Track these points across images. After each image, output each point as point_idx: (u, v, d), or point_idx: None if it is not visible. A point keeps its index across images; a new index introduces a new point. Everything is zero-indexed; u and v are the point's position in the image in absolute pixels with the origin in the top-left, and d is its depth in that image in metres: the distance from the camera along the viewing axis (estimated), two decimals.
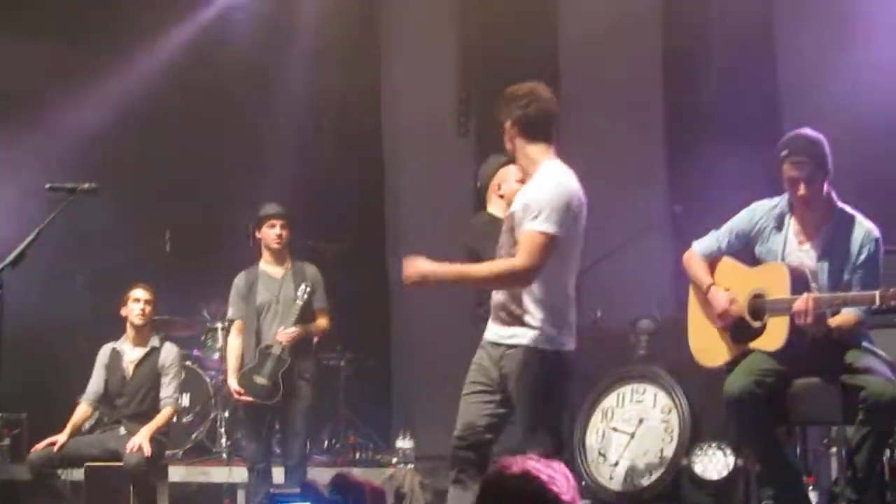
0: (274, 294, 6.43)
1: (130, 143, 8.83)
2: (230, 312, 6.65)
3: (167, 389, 6.71)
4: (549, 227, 4.21)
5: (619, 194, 7.33)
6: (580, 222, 4.36)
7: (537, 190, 4.31)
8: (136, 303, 6.74)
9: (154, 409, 6.67)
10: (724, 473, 5.90)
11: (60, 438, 6.50)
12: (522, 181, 4.61)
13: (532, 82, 4.51)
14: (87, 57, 8.55)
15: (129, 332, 6.81)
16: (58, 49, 8.51)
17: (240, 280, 6.58)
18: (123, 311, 6.81)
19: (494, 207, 5.50)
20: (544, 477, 2.33)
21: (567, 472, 2.41)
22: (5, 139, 7.90)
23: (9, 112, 8.04)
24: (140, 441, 6.40)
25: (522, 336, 4.31)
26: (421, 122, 8.94)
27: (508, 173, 5.35)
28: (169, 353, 6.80)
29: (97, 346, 6.98)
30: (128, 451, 6.36)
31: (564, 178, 4.35)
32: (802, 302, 4.54)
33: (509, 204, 4.70)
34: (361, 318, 8.38)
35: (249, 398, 6.31)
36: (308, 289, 6.38)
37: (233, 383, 6.42)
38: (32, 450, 6.52)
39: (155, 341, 6.82)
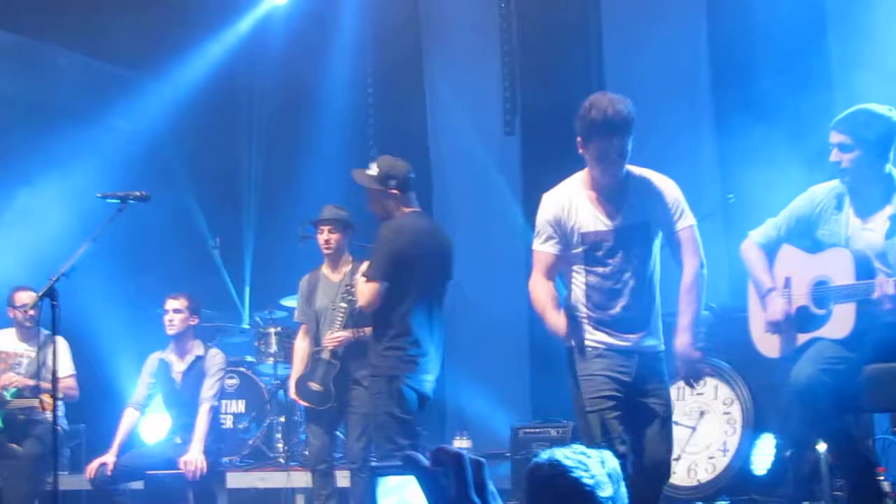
0: (331, 298, 6.38)
1: (182, 153, 8.89)
2: (296, 315, 6.64)
3: (205, 390, 6.66)
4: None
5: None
6: None
7: None
8: (167, 314, 6.74)
9: None
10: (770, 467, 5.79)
11: (109, 459, 6.49)
12: None
13: None
14: (138, 74, 8.64)
15: (171, 342, 6.82)
16: (110, 66, 8.58)
17: (303, 283, 6.55)
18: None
19: None
20: (571, 463, 2.31)
21: (605, 457, 2.38)
22: (61, 150, 7.97)
23: (63, 124, 8.11)
24: (195, 459, 6.39)
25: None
26: (466, 120, 8.90)
27: None
28: (213, 358, 6.78)
29: (148, 354, 7.01)
30: (187, 475, 6.37)
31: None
32: (879, 289, 4.43)
33: None
34: None
35: (306, 403, 6.30)
36: (352, 291, 6.22)
37: (291, 387, 6.42)
38: (87, 471, 6.49)
39: (199, 350, 6.80)
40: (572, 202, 4.47)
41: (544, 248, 4.54)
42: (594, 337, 4.45)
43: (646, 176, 4.49)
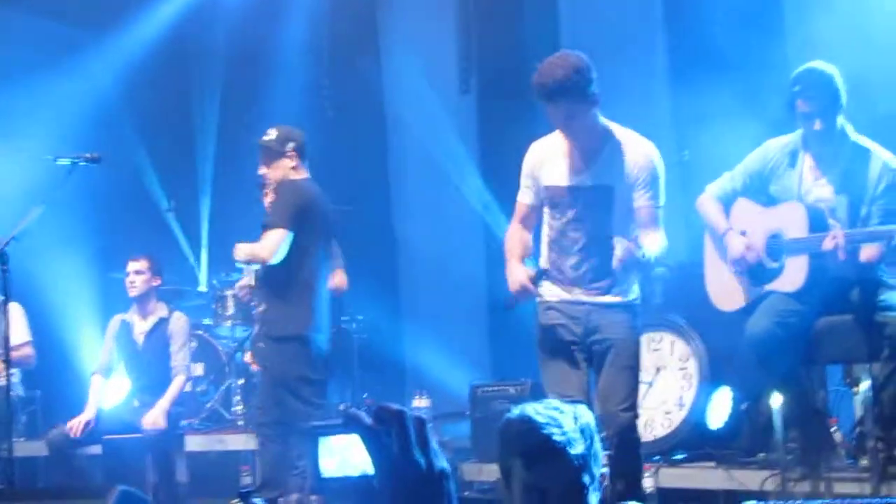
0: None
1: (133, 116, 8.79)
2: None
3: (176, 358, 6.67)
4: None
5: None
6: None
7: None
8: (127, 275, 6.70)
9: (166, 380, 6.64)
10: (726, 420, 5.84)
11: (88, 416, 6.46)
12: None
13: None
14: (87, 33, 8.50)
15: (134, 304, 6.77)
16: (58, 26, 8.44)
17: None
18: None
19: None
20: (542, 419, 2.31)
21: (579, 412, 2.39)
22: (11, 112, 7.85)
23: (15, 86, 7.97)
24: (156, 416, 6.38)
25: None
26: (422, 79, 8.84)
27: None
28: (177, 321, 6.76)
29: (107, 319, 6.95)
30: (144, 426, 6.34)
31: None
32: (830, 240, 4.47)
33: None
34: (370, 281, 8.33)
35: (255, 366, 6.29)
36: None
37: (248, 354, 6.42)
38: (71, 429, 6.44)
39: (163, 311, 6.78)
40: (546, 154, 4.45)
41: (519, 197, 4.59)
42: (550, 290, 4.47)
43: (628, 140, 4.41)
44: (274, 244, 5.39)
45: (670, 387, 6.14)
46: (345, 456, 1.68)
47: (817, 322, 4.67)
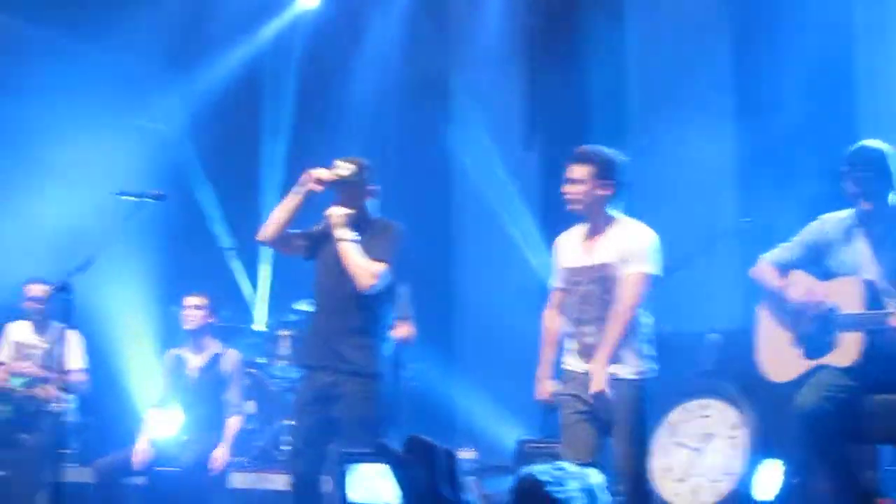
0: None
1: (201, 154, 8.97)
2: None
3: (232, 397, 6.77)
4: None
5: (688, 206, 7.27)
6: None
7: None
8: (185, 308, 6.81)
9: (216, 415, 6.72)
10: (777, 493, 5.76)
11: (142, 447, 6.57)
12: None
13: None
14: (162, 71, 8.72)
15: (188, 339, 6.88)
16: (135, 63, 8.66)
17: None
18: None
19: None
20: (546, 478, 2.58)
21: (587, 474, 2.65)
22: (80, 147, 8.05)
23: (84, 122, 8.19)
24: (222, 455, 6.56)
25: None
26: (487, 134, 8.94)
27: None
28: (230, 358, 6.85)
29: (163, 351, 7.07)
30: (212, 466, 6.50)
31: None
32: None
33: None
34: (425, 330, 8.37)
35: None
36: None
37: None
38: (135, 455, 6.54)
39: (217, 348, 6.88)
40: (566, 240, 5.03)
41: (550, 284, 5.13)
42: (569, 360, 4.96)
43: (629, 225, 4.89)
44: (377, 273, 5.09)
45: (719, 455, 6.09)
46: (373, 484, 1.70)
47: (869, 400, 4.61)
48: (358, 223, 5.22)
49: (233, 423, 6.71)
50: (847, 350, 4.61)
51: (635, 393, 4.80)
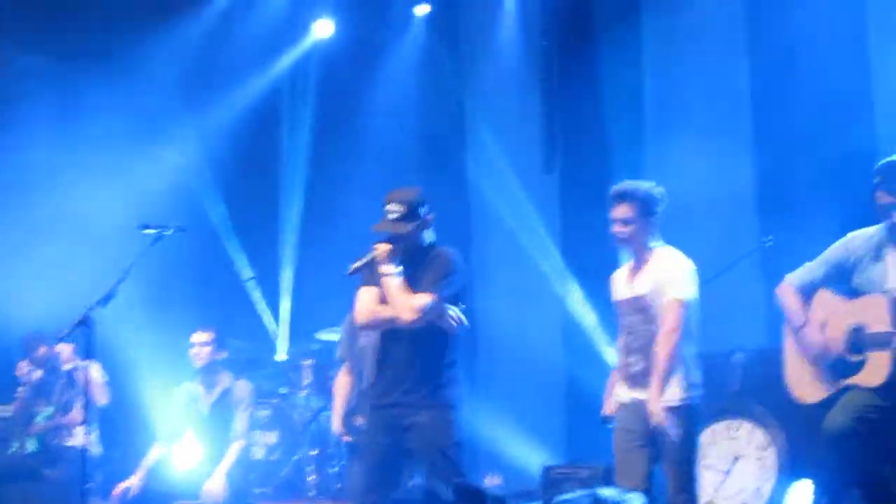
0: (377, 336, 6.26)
1: (219, 185, 9.00)
2: (338, 353, 6.59)
3: (237, 424, 6.70)
4: None
5: (710, 225, 7.22)
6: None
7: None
8: (192, 346, 6.78)
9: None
10: None
11: (132, 482, 6.51)
12: None
13: None
14: (178, 104, 8.75)
15: (199, 374, 6.85)
16: (150, 97, 8.70)
17: (348, 319, 6.50)
18: None
19: None
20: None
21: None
22: (99, 180, 8.08)
23: (104, 155, 8.22)
24: (216, 485, 6.44)
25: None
26: (506, 157, 8.93)
27: None
28: (240, 388, 6.81)
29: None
30: (204, 495, 6.39)
31: None
32: None
33: None
34: None
35: (350, 439, 6.23)
36: None
37: (336, 424, 6.33)
38: (114, 493, 6.51)
39: (227, 382, 6.82)
40: (618, 275, 5.12)
41: None
42: (620, 390, 5.02)
43: (663, 255, 4.97)
44: (421, 306, 4.86)
45: (748, 476, 6.01)
46: None
47: None
48: (412, 254, 5.00)
49: (232, 450, 6.62)
50: (876, 369, 4.54)
51: (678, 419, 4.78)
